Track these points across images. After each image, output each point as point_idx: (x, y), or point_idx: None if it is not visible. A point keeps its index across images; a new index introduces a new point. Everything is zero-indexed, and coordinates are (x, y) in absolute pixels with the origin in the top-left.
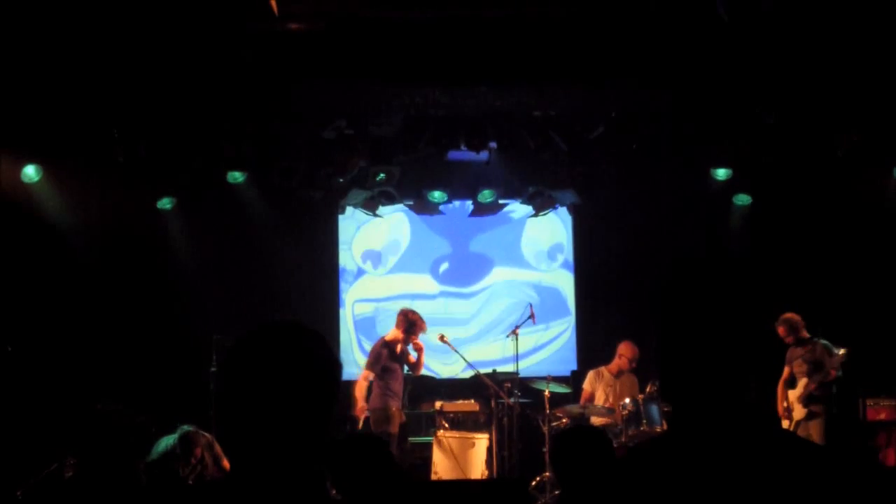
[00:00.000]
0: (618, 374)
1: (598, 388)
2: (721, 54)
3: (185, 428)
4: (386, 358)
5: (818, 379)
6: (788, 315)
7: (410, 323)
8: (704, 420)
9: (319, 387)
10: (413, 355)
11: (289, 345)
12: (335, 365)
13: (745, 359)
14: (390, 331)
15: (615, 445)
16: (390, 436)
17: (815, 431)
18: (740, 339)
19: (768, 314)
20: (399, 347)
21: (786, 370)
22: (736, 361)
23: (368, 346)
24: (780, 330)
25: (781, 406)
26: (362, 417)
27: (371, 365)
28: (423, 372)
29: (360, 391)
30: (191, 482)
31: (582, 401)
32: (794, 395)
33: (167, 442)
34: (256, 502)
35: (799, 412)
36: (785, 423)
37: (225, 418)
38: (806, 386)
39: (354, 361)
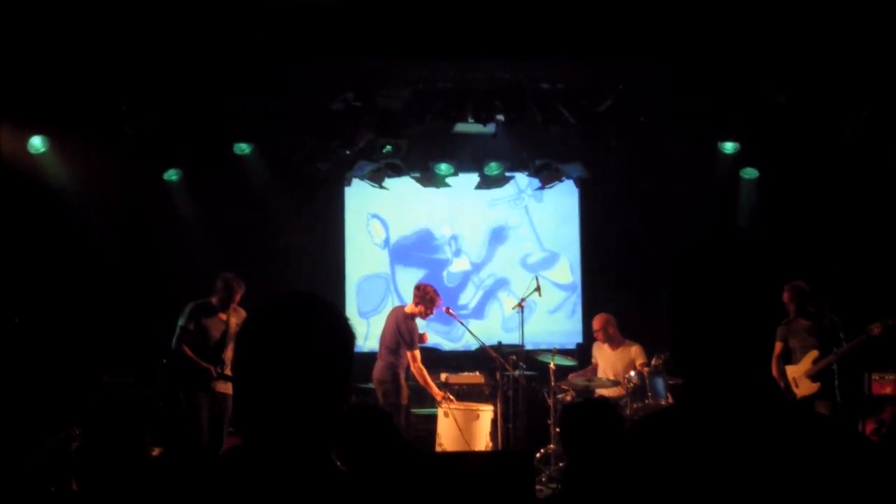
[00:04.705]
0: (616, 347)
1: (599, 360)
2: (730, 30)
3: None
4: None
5: (836, 351)
6: (798, 282)
7: (429, 299)
8: (716, 393)
9: (334, 359)
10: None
11: (304, 317)
12: (350, 337)
13: (752, 333)
14: (408, 305)
15: None
16: (400, 407)
17: (823, 407)
18: (748, 313)
19: (774, 288)
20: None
21: (778, 345)
22: (744, 335)
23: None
24: (786, 296)
25: (780, 383)
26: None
27: (414, 343)
28: (428, 343)
29: (421, 376)
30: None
31: (591, 372)
32: (798, 370)
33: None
34: (266, 474)
35: (807, 388)
36: None
37: (238, 390)
38: (816, 360)
39: (360, 335)
